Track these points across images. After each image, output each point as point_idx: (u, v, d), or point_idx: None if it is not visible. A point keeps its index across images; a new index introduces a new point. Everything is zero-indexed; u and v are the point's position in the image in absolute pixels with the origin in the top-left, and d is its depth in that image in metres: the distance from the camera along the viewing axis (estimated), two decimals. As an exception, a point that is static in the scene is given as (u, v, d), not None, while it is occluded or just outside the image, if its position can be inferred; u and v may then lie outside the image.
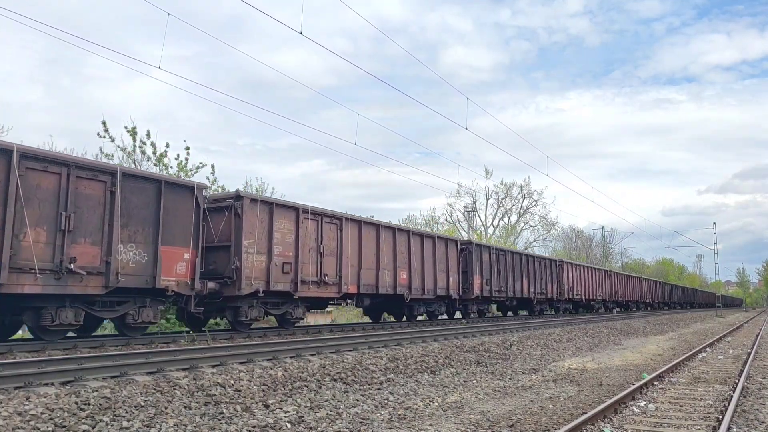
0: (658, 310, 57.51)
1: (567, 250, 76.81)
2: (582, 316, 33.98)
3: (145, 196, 12.07)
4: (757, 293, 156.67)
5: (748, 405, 9.25)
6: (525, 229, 62.99)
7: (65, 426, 6.13)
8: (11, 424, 5.89)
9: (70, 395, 6.85)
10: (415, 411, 8.53)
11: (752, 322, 42.56)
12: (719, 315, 54.03)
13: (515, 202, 61.79)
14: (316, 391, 9.08)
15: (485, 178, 64.36)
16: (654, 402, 9.43)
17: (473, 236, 52.41)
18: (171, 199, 12.55)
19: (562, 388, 10.97)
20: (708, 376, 12.56)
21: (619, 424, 7.85)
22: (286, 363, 10.04)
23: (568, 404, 9.36)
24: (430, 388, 10.36)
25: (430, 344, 14.30)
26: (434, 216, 58.19)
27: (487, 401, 9.54)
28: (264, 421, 7.23)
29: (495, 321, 25.80)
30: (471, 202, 57.32)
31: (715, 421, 7.85)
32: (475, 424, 7.80)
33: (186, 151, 23.59)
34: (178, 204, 12.72)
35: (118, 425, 6.40)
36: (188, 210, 12.93)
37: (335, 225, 16.95)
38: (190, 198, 13.01)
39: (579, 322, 26.59)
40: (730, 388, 10.63)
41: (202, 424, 6.90)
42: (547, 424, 7.90)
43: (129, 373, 8.15)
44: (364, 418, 7.91)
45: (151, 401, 7.20)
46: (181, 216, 12.77)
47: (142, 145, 22.87)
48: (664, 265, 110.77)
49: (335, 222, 17.03)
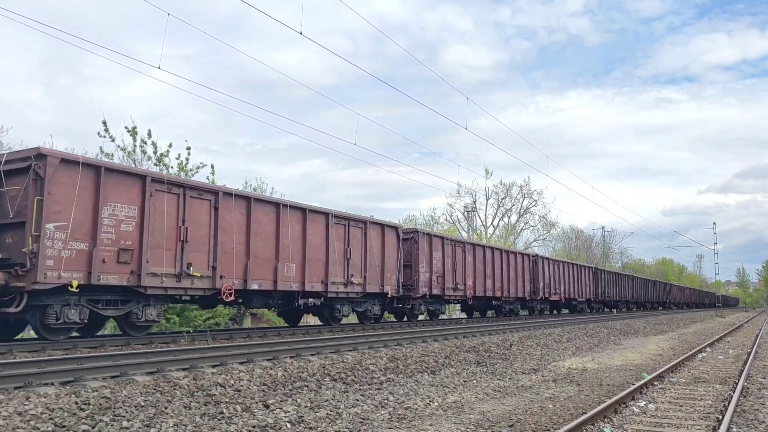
0: (651, 311, 54.39)
1: (567, 250, 76.85)
2: (573, 317, 33.85)
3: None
4: (757, 293, 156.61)
5: (748, 405, 9.25)
6: (525, 229, 63.10)
7: (65, 426, 6.13)
8: (11, 424, 5.89)
9: (70, 395, 6.85)
10: (415, 411, 8.53)
11: (752, 322, 42.56)
12: (719, 315, 54.03)
13: (515, 202, 61.89)
14: (316, 391, 9.08)
15: (485, 178, 64.31)
16: (654, 402, 9.43)
17: (473, 236, 52.30)
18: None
19: (562, 388, 10.97)
20: (708, 376, 12.56)
21: (619, 424, 7.86)
22: (286, 363, 10.04)
23: (568, 404, 9.36)
24: (430, 388, 10.36)
25: (430, 344, 14.30)
26: (434, 216, 58.22)
27: (487, 401, 9.54)
28: (264, 421, 7.23)
29: (495, 321, 25.73)
30: (471, 202, 57.38)
31: (715, 421, 7.85)
32: (475, 424, 7.80)
33: (187, 151, 23.65)
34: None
35: (118, 425, 6.41)
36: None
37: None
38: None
39: (579, 322, 26.58)
40: (730, 388, 10.63)
41: (202, 424, 6.90)
42: (547, 424, 7.90)
43: (129, 373, 8.15)
44: (364, 418, 7.91)
45: (151, 401, 7.20)
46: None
47: (143, 144, 22.91)
48: (664, 265, 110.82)
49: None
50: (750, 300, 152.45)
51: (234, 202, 13.76)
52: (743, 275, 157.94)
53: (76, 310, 10.94)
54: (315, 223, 16.18)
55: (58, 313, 10.69)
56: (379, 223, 19.23)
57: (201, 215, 13.05)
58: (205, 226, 13.09)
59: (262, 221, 14.53)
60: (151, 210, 11.94)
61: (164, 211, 12.21)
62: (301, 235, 15.67)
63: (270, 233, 14.72)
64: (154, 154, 22.96)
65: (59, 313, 10.70)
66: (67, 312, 10.80)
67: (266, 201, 15.16)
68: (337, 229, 17.03)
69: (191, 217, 12.78)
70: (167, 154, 23.09)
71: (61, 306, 10.75)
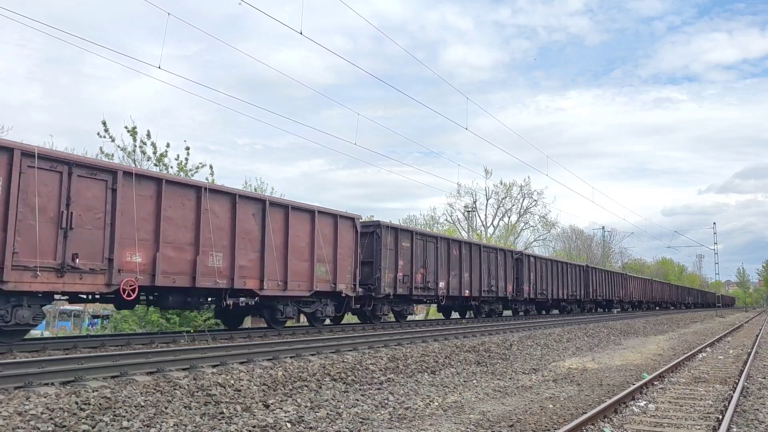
0: (649, 312, 52.86)
1: (567, 250, 76.89)
2: (573, 317, 33.86)
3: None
4: (757, 293, 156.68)
5: (748, 405, 9.26)
6: (525, 229, 63.12)
7: (65, 426, 6.14)
8: (11, 424, 5.89)
9: (70, 395, 6.85)
10: (415, 411, 8.53)
11: (752, 322, 42.57)
12: (719, 315, 54.05)
13: (515, 202, 61.91)
14: (316, 391, 9.09)
15: (485, 178, 64.52)
16: (654, 402, 9.43)
17: (473, 236, 52.25)
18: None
19: (563, 388, 10.97)
20: (708, 376, 12.56)
21: (619, 423, 7.86)
22: (286, 363, 10.05)
23: (568, 404, 9.36)
24: (430, 388, 10.36)
25: (430, 344, 14.31)
26: (434, 216, 58.26)
27: (487, 401, 9.54)
28: (264, 421, 7.23)
29: (495, 321, 25.73)
30: (471, 202, 57.39)
31: (715, 421, 7.85)
32: (475, 424, 7.80)
33: (186, 151, 23.67)
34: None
35: (118, 425, 6.41)
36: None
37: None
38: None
39: (579, 322, 26.59)
40: (730, 388, 10.63)
41: (202, 424, 6.91)
42: (547, 423, 7.90)
43: (129, 373, 8.15)
44: (364, 417, 7.91)
45: (151, 401, 7.20)
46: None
47: (143, 144, 22.93)
48: (664, 264, 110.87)
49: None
50: (750, 300, 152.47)
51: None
52: (743, 275, 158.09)
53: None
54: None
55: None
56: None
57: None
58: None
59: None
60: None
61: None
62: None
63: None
64: (153, 154, 22.99)
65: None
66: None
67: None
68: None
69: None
70: (166, 154, 23.12)
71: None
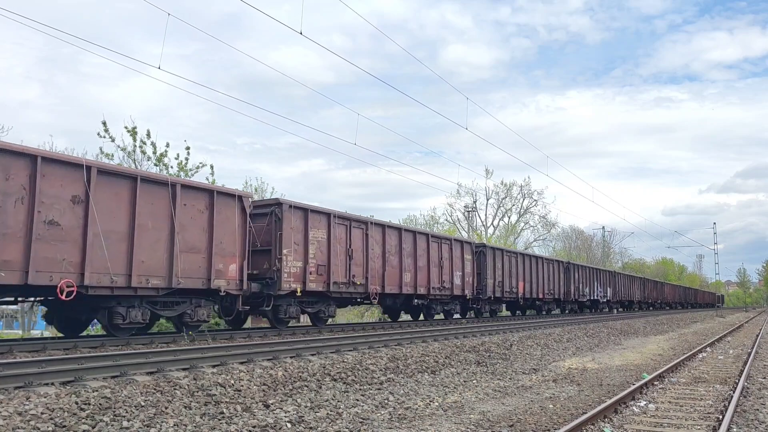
0: (647, 312, 50.73)
1: (567, 250, 76.87)
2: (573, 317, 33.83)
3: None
4: (757, 293, 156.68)
5: (748, 405, 9.26)
6: (525, 229, 63.15)
7: (65, 426, 6.14)
8: (11, 424, 5.89)
9: (70, 395, 6.86)
10: (415, 411, 8.53)
11: (752, 322, 42.57)
12: (719, 315, 54.06)
13: (515, 202, 61.94)
14: (316, 391, 9.09)
15: (485, 178, 64.28)
16: (654, 402, 9.43)
17: (473, 236, 52.18)
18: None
19: (563, 388, 10.98)
20: (708, 376, 12.56)
21: (619, 424, 7.86)
22: (287, 363, 10.05)
23: (568, 404, 9.36)
24: (430, 388, 10.36)
25: (430, 344, 14.31)
26: (434, 216, 58.24)
27: (487, 401, 9.54)
28: (264, 421, 7.23)
29: (495, 321, 25.74)
30: (471, 202, 57.33)
31: (715, 421, 7.85)
32: (475, 424, 7.80)
33: (186, 151, 23.69)
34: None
35: (118, 425, 6.41)
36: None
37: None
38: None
39: (579, 322, 26.59)
40: (730, 388, 10.63)
41: (203, 424, 6.91)
42: (547, 424, 7.90)
43: (129, 373, 8.16)
44: (365, 418, 7.91)
45: (151, 401, 7.20)
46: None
47: (143, 144, 22.94)
48: (665, 264, 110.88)
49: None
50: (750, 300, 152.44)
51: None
52: (744, 275, 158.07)
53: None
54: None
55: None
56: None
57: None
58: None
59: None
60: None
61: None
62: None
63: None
64: (153, 154, 23.00)
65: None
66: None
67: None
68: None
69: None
70: (166, 154, 23.14)
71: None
